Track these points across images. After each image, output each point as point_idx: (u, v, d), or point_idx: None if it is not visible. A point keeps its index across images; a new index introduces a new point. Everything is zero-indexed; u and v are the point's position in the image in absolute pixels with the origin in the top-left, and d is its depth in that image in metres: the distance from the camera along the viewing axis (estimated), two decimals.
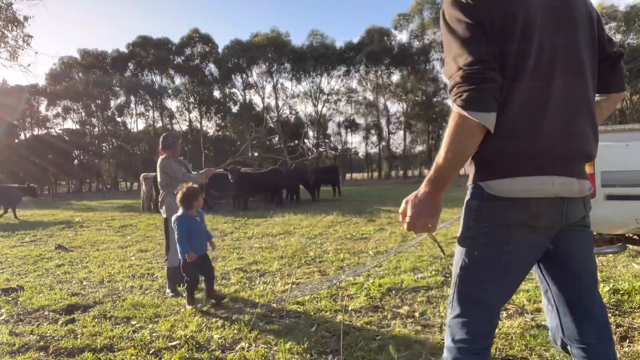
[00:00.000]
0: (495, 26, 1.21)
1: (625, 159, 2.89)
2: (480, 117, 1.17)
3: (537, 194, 1.26)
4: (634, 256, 4.75)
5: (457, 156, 1.22)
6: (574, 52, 1.29)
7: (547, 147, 1.25)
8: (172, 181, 4.34)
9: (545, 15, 1.25)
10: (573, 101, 1.29)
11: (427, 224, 1.29)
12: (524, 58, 1.22)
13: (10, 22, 17.01)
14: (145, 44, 46.95)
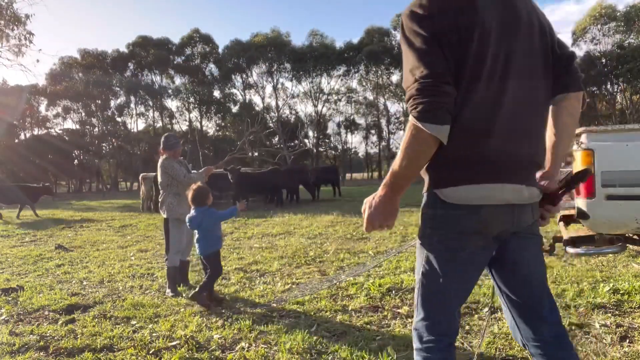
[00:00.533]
0: (451, 38, 1.24)
1: (625, 159, 2.89)
2: (434, 129, 1.21)
3: (489, 201, 1.30)
4: (634, 256, 4.75)
5: (411, 164, 1.28)
6: (526, 62, 1.33)
7: (498, 156, 1.29)
8: (173, 182, 4.34)
9: (499, 26, 1.28)
10: (525, 111, 1.33)
11: (383, 224, 1.36)
12: (477, 69, 1.26)
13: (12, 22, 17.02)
14: (145, 44, 46.96)
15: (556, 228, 6.54)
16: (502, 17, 1.29)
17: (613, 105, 41.66)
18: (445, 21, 1.25)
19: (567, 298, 3.46)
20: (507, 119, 1.29)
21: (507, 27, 1.30)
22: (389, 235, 7.12)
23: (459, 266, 1.37)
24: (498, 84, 1.28)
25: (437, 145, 1.25)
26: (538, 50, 1.36)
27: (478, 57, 1.25)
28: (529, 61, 1.34)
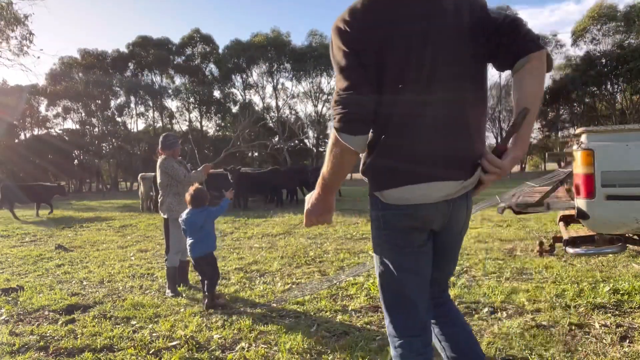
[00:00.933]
0: (373, 51, 1.30)
1: (625, 159, 2.89)
2: (347, 139, 1.30)
3: (426, 200, 1.38)
4: (634, 256, 4.75)
5: (336, 169, 1.39)
6: (452, 66, 1.35)
7: (431, 156, 1.35)
8: (173, 182, 4.34)
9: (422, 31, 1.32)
10: (452, 112, 1.36)
11: (319, 221, 1.52)
12: (402, 77, 1.31)
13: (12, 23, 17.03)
14: (146, 44, 46.93)
15: (556, 228, 6.55)
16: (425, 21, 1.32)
17: (613, 106, 41.64)
18: (366, 35, 1.30)
19: (567, 298, 3.46)
20: (438, 121, 1.34)
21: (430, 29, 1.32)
22: None
23: (408, 260, 1.45)
24: (425, 88, 1.32)
25: (354, 153, 1.35)
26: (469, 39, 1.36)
27: (403, 65, 1.30)
28: (458, 58, 1.35)
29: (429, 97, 1.32)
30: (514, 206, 3.74)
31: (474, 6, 1.38)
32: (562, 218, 4.28)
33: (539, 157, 50.39)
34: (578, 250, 3.25)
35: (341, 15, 1.35)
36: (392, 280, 1.47)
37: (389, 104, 1.32)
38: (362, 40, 1.31)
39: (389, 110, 1.32)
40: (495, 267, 4.59)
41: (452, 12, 1.35)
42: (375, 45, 1.30)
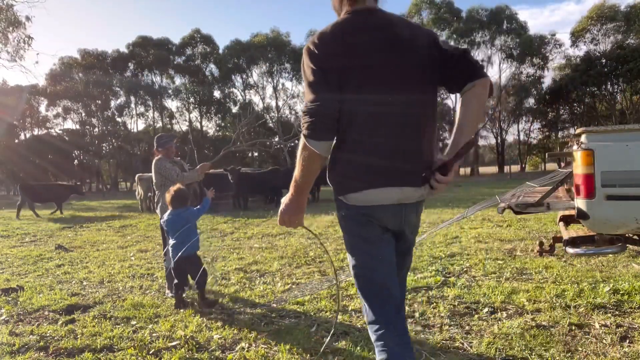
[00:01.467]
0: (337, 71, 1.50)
1: (625, 159, 2.89)
2: (315, 144, 1.49)
3: (384, 202, 1.56)
4: (634, 256, 4.75)
5: (306, 172, 1.56)
6: (407, 90, 1.55)
7: (388, 164, 1.54)
8: (166, 182, 4.33)
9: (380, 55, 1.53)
10: (407, 125, 1.56)
11: (291, 220, 1.65)
12: (362, 94, 1.50)
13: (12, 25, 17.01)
14: (146, 44, 46.94)
15: (556, 228, 6.55)
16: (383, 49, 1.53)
17: (613, 106, 41.63)
18: (332, 57, 1.52)
19: (567, 298, 3.46)
20: (393, 132, 1.54)
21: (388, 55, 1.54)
22: None
23: (373, 249, 1.62)
24: (383, 104, 1.52)
25: (321, 158, 1.53)
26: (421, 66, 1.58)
27: (362, 87, 1.51)
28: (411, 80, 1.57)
29: (387, 114, 1.53)
30: (513, 206, 3.74)
31: (428, 38, 1.62)
32: (562, 218, 4.28)
33: (539, 157, 50.38)
34: (578, 251, 3.25)
35: (312, 38, 1.57)
36: (364, 270, 1.64)
37: (351, 118, 1.51)
38: (328, 61, 1.51)
39: (350, 124, 1.52)
40: (495, 267, 4.59)
41: (409, 43, 1.57)
42: (339, 67, 1.51)
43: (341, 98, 1.50)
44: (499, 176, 38.97)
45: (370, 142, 1.54)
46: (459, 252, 5.43)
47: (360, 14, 1.59)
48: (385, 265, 1.63)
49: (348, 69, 1.51)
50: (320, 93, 1.50)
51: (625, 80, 38.63)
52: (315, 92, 1.50)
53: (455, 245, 5.93)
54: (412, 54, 1.57)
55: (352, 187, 1.57)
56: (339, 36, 1.54)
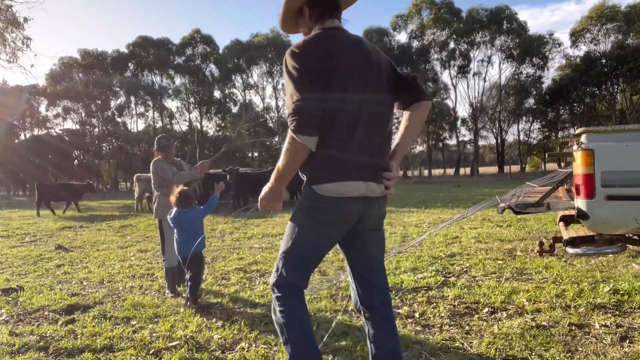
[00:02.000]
0: (318, 73, 1.69)
1: (625, 159, 2.89)
2: (304, 139, 1.66)
3: (350, 194, 1.76)
4: (634, 256, 4.75)
5: (290, 165, 1.75)
6: (375, 91, 1.80)
7: (357, 159, 1.76)
8: (164, 182, 4.34)
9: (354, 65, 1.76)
10: (375, 127, 1.81)
11: (270, 206, 1.89)
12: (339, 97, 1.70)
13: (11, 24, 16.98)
14: (146, 44, 46.96)
15: (556, 228, 6.55)
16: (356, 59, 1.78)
17: (613, 106, 41.64)
18: (313, 61, 1.71)
19: (567, 298, 3.46)
20: (363, 133, 1.76)
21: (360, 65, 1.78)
22: (388, 235, 7.12)
23: (323, 243, 1.87)
24: (356, 107, 1.75)
25: (307, 151, 1.71)
26: (384, 80, 1.86)
27: (339, 88, 1.71)
28: (377, 90, 1.82)
29: (360, 116, 1.76)
30: (514, 206, 3.74)
31: (387, 60, 1.92)
32: (562, 218, 4.28)
33: (539, 158, 50.38)
34: (578, 251, 3.25)
35: (295, 45, 1.78)
36: (303, 253, 1.86)
37: (329, 116, 1.70)
38: (312, 63, 1.70)
39: (328, 122, 1.70)
40: (495, 268, 4.59)
41: (376, 59, 1.85)
42: (321, 69, 1.70)
43: (323, 97, 1.67)
44: (499, 176, 38.98)
45: (344, 140, 1.74)
46: (459, 252, 5.43)
47: (333, 30, 1.84)
48: (319, 255, 1.93)
49: (329, 72, 1.70)
50: (305, 92, 1.66)
51: (625, 80, 38.64)
52: (300, 91, 1.66)
53: (455, 246, 5.93)
54: (378, 68, 1.85)
55: (324, 179, 1.75)
56: (321, 42, 1.77)
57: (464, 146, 50.50)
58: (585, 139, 3.04)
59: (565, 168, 5.04)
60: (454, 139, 48.53)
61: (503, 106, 46.78)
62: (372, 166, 1.81)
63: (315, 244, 1.86)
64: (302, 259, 1.87)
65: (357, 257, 1.97)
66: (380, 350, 1.90)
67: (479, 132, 46.66)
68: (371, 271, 1.96)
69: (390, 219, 9.42)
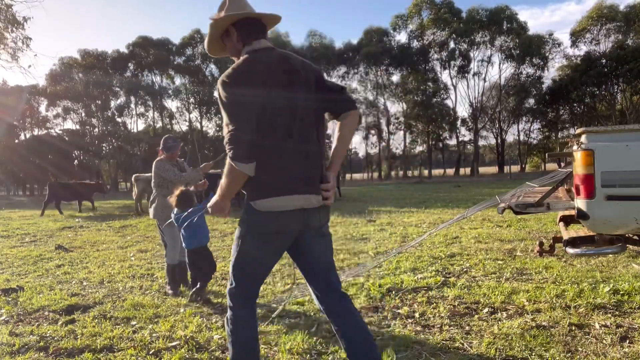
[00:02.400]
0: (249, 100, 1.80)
1: (625, 159, 2.89)
2: (242, 167, 1.79)
3: (287, 208, 1.86)
4: (634, 256, 4.75)
5: (232, 186, 1.89)
6: (305, 106, 1.91)
7: (291, 175, 1.86)
8: (164, 183, 4.37)
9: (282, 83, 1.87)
10: (307, 141, 1.91)
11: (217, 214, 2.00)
12: (270, 119, 1.83)
13: (10, 24, 16.97)
14: (146, 44, 46.94)
15: (556, 228, 6.55)
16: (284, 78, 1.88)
17: (613, 106, 41.64)
18: (243, 90, 1.80)
19: (567, 298, 3.46)
20: (296, 148, 1.87)
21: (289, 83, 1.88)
22: (389, 235, 7.12)
23: (265, 255, 1.97)
24: (287, 124, 1.85)
25: (246, 175, 1.82)
26: (313, 94, 1.95)
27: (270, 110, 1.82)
28: (307, 104, 1.92)
29: (291, 135, 1.86)
30: (514, 206, 3.74)
31: (316, 72, 2.02)
32: (562, 218, 4.28)
33: (539, 158, 50.37)
34: (578, 251, 3.25)
35: (226, 72, 1.85)
36: (247, 264, 1.99)
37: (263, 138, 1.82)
38: (241, 91, 1.80)
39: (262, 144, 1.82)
40: (495, 268, 4.59)
41: (304, 74, 1.95)
42: (252, 96, 1.80)
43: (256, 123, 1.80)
44: (499, 176, 38.97)
45: (279, 156, 1.85)
46: (459, 253, 5.43)
47: (262, 52, 1.94)
48: (264, 266, 2.03)
49: (259, 98, 1.81)
50: (238, 122, 1.78)
51: (625, 80, 38.65)
52: (234, 121, 1.79)
53: (455, 246, 5.93)
54: (307, 82, 1.95)
55: (261, 195, 1.86)
56: (248, 69, 1.86)
57: (464, 146, 50.51)
58: (585, 139, 3.04)
59: (565, 168, 5.04)
60: (453, 139, 48.54)
61: (503, 106, 46.77)
62: (308, 178, 1.91)
63: (257, 256, 1.96)
64: (246, 270, 2.00)
65: (306, 262, 2.08)
66: (352, 341, 1.98)
67: (479, 132, 46.66)
68: (322, 272, 2.07)
69: (391, 218, 9.42)
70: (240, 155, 1.77)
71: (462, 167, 50.86)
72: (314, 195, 1.91)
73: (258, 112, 1.80)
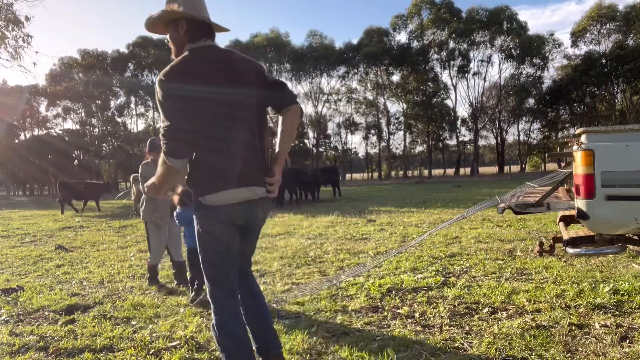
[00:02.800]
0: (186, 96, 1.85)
1: (625, 159, 2.88)
2: (174, 162, 1.90)
3: (234, 200, 1.94)
4: (634, 256, 4.75)
5: (164, 179, 2.03)
6: (244, 107, 1.98)
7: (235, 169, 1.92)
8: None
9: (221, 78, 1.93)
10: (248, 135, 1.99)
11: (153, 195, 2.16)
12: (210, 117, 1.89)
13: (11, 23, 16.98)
14: (146, 44, 46.91)
15: (556, 228, 6.55)
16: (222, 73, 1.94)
17: (613, 106, 41.64)
18: (180, 86, 1.86)
19: (567, 298, 3.46)
20: (238, 142, 1.94)
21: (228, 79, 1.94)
22: (389, 235, 7.12)
23: (221, 243, 2.01)
24: (227, 120, 1.92)
25: (179, 171, 1.94)
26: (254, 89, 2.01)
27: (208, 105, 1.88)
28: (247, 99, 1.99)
29: (232, 131, 1.92)
30: (514, 206, 3.73)
31: (257, 69, 2.08)
32: (562, 218, 4.28)
33: (539, 158, 50.37)
34: (578, 251, 3.24)
35: (163, 71, 1.90)
36: (211, 258, 2.04)
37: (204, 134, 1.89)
38: (178, 88, 1.85)
39: (203, 139, 1.89)
40: (495, 268, 4.59)
41: (245, 71, 2.01)
42: (188, 94, 1.85)
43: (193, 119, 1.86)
44: (499, 176, 38.97)
45: (221, 151, 1.92)
46: (459, 253, 5.43)
47: (202, 50, 1.99)
48: (230, 257, 2.06)
49: (196, 94, 1.86)
50: (173, 118, 1.85)
51: (625, 80, 38.65)
52: (169, 117, 1.86)
53: (455, 246, 5.93)
54: (247, 79, 2.00)
55: (208, 190, 1.93)
56: (186, 66, 1.91)
57: (464, 146, 50.51)
58: (585, 139, 3.03)
59: (565, 168, 5.04)
60: (454, 139, 48.55)
61: (503, 106, 46.76)
62: (252, 172, 1.98)
63: (218, 249, 2.02)
64: (214, 265, 2.05)
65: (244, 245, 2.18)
66: (256, 334, 2.20)
67: (479, 132, 46.66)
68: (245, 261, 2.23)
69: (391, 218, 9.42)
70: (171, 151, 1.87)
71: (462, 167, 50.85)
72: (259, 187, 2.00)
73: (195, 109, 1.86)
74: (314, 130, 49.45)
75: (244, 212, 1.99)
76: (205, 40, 2.02)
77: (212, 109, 1.89)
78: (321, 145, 51.54)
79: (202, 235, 2.01)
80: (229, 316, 2.03)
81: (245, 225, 2.07)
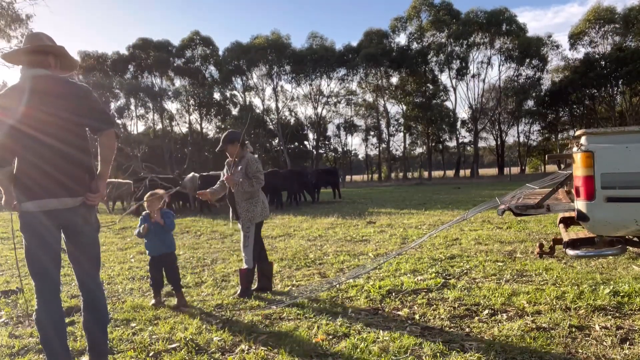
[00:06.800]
0: (3, 112, 2.24)
1: (625, 161, 2.89)
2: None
3: (46, 208, 2.27)
4: (634, 258, 4.75)
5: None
6: (58, 128, 2.28)
7: (45, 182, 2.27)
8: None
9: (33, 102, 2.25)
10: (60, 156, 2.29)
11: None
12: (24, 136, 2.24)
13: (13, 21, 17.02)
14: (146, 46, 46.93)
15: (556, 230, 6.55)
16: (37, 100, 2.26)
17: (612, 108, 41.67)
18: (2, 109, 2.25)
19: (567, 300, 3.46)
20: (50, 157, 2.27)
21: (43, 103, 2.26)
22: (388, 237, 7.12)
23: (35, 248, 2.31)
24: (41, 142, 2.24)
25: (6, 177, 2.30)
26: (69, 111, 2.30)
27: (23, 127, 2.22)
28: (61, 121, 2.28)
29: (44, 149, 2.25)
30: (513, 208, 3.73)
31: (81, 92, 2.38)
32: (562, 220, 4.28)
33: (538, 159, 50.37)
34: (578, 252, 3.24)
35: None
36: (30, 260, 2.33)
37: (19, 152, 2.26)
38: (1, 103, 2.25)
39: (20, 155, 2.27)
40: (495, 269, 4.59)
41: (62, 100, 2.30)
42: (5, 116, 2.22)
43: (9, 138, 2.21)
44: (499, 178, 38.97)
45: (35, 166, 2.25)
46: (459, 254, 5.43)
47: (27, 79, 2.29)
48: (48, 257, 2.32)
49: (7, 117, 2.21)
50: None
51: (624, 82, 38.68)
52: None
53: (455, 247, 5.93)
54: (65, 103, 2.29)
55: (23, 199, 2.27)
56: (5, 93, 2.29)
57: (463, 148, 50.50)
58: (585, 141, 3.04)
59: (565, 170, 5.04)
60: (453, 140, 48.51)
61: (503, 108, 46.80)
62: (64, 184, 2.28)
63: (32, 251, 2.31)
64: (29, 265, 2.33)
65: (71, 255, 2.43)
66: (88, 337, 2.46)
67: (478, 133, 46.65)
68: (81, 261, 2.43)
69: (391, 220, 9.42)
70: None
71: (462, 168, 50.82)
72: (70, 198, 2.30)
73: (9, 129, 2.22)
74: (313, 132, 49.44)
75: (55, 220, 2.31)
76: (37, 69, 2.34)
77: (26, 126, 2.24)
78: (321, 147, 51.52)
79: (23, 237, 2.36)
80: (42, 307, 2.32)
81: (64, 230, 2.38)
